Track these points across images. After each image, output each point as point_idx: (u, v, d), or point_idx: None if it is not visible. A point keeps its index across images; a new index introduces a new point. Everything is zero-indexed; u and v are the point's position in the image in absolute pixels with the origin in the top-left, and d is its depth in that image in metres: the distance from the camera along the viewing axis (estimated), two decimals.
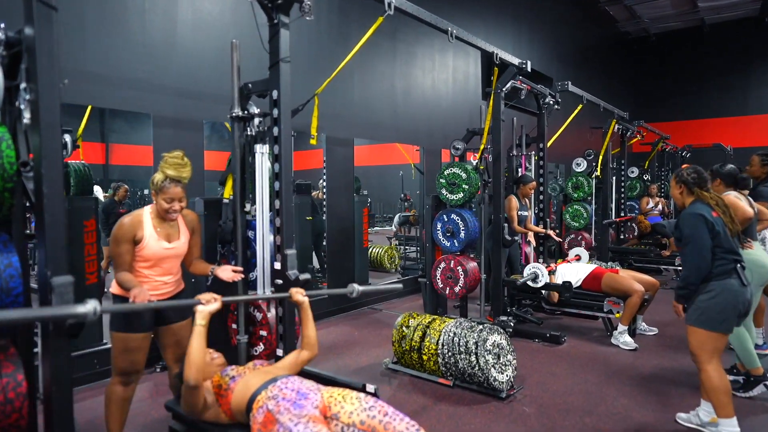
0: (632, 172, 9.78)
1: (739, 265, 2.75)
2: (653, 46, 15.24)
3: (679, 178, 2.91)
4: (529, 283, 4.65)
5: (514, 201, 5.22)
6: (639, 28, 14.58)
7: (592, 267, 4.79)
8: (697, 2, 12.56)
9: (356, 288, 2.66)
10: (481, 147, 4.78)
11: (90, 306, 1.70)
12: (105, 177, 5.45)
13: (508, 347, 3.48)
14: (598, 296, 4.67)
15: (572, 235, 7.54)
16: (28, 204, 2.10)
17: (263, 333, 3.01)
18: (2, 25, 2.01)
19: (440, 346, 3.52)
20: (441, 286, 4.94)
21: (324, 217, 5.90)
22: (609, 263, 6.31)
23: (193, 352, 2.03)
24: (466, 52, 7.73)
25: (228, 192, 3.07)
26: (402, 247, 9.32)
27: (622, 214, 8.33)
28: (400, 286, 3.08)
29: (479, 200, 4.90)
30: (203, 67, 4.35)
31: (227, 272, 2.64)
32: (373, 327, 5.15)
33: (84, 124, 4.05)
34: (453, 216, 4.84)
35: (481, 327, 3.47)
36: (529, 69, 4.59)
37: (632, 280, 4.46)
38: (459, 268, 4.80)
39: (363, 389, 2.35)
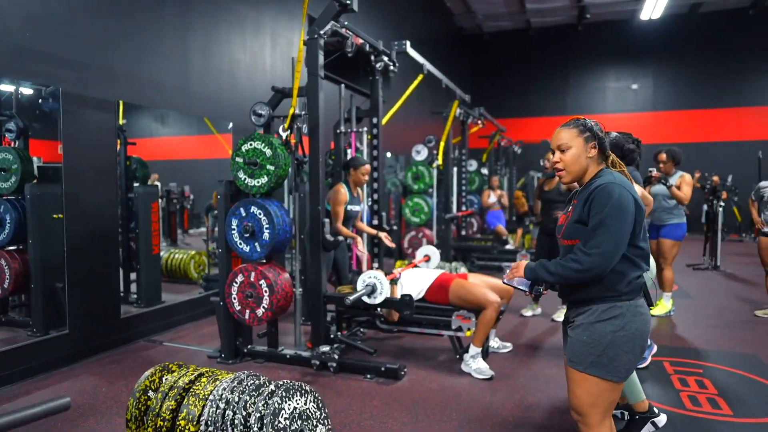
0: (471, 165, 9.37)
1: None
2: (486, 44, 15.51)
3: (590, 131, 1.84)
4: (365, 299, 3.43)
5: (342, 192, 3.98)
6: (474, 24, 14.65)
7: (437, 273, 3.74)
8: (525, 3, 12.83)
9: None
10: (291, 111, 3.44)
11: None
12: None
13: (318, 413, 2.18)
14: (446, 309, 3.64)
15: (413, 232, 6.64)
16: None
17: None
18: None
19: (204, 427, 2.08)
20: (238, 308, 3.50)
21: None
22: (453, 264, 5.46)
23: None
24: (290, 13, 6.35)
25: None
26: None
27: (464, 208, 7.71)
28: None
29: (291, 187, 3.56)
30: None
31: None
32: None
33: None
34: (253, 209, 3.43)
35: (273, 387, 2.12)
36: (355, 8, 3.37)
37: (485, 288, 3.50)
38: (262, 282, 3.40)
39: None
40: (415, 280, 3.69)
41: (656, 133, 13.54)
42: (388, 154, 10.38)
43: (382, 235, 4.25)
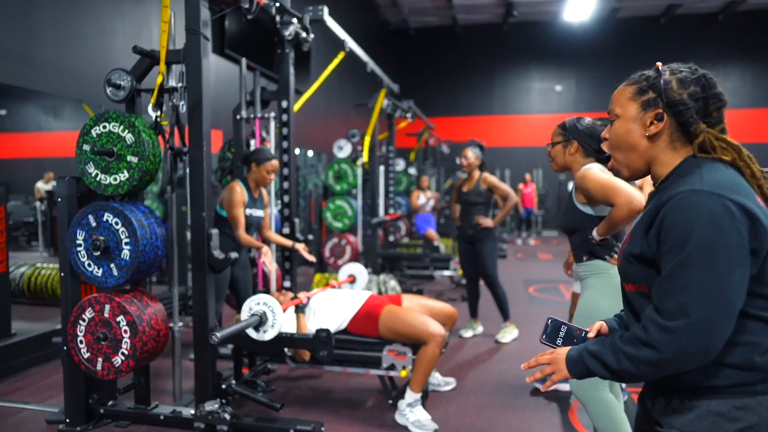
0: (398, 164, 8.70)
1: None
2: (412, 40, 15.00)
3: (655, 89, 1.07)
4: (251, 332, 2.56)
5: (238, 191, 3.09)
6: (400, 18, 14.06)
7: (363, 296, 2.94)
8: None
9: None
10: (158, 81, 2.50)
11: None
12: None
13: None
14: (376, 343, 2.85)
15: (335, 239, 5.81)
16: None
17: None
18: None
19: None
20: (87, 355, 2.51)
21: None
22: (381, 276, 4.70)
23: None
24: None
25: None
26: None
27: (392, 211, 6.99)
28: None
29: (163, 187, 2.62)
30: None
31: None
32: None
33: None
34: (107, 217, 2.46)
35: None
36: None
37: (424, 316, 2.75)
38: (121, 318, 2.45)
39: None
40: (335, 307, 2.87)
41: None
42: (310, 153, 9.48)
43: (300, 246, 3.39)
